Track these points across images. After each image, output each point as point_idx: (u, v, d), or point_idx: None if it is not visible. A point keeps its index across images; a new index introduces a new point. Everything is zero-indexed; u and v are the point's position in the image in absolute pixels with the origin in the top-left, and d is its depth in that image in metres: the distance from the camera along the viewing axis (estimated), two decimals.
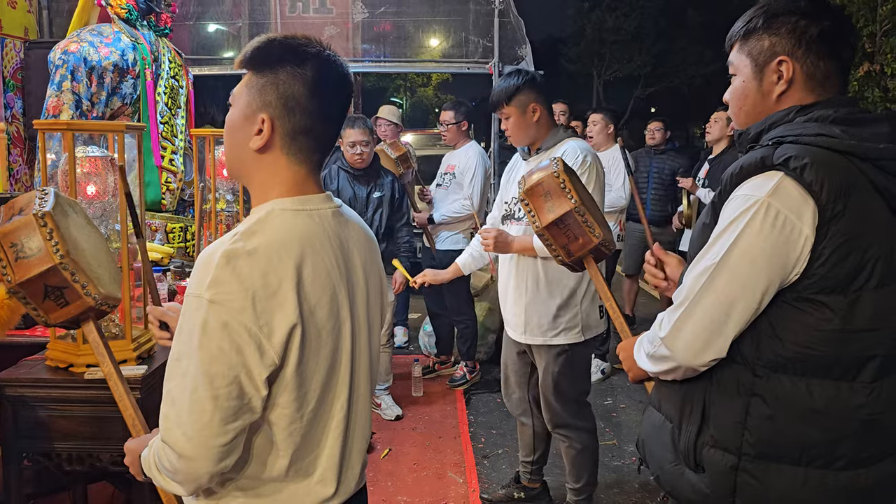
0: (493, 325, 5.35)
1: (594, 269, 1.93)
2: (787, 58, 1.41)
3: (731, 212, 1.36)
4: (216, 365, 1.11)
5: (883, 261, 1.31)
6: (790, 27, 1.41)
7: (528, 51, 6.19)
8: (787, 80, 1.42)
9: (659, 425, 1.56)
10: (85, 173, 2.14)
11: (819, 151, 1.31)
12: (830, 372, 1.34)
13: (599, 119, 5.07)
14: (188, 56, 5.30)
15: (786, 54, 1.41)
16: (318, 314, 1.20)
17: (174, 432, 1.13)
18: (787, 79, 1.42)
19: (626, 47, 26.20)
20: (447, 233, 4.69)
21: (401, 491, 3.37)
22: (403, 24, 6.53)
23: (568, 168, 1.95)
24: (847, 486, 1.37)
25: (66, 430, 2.10)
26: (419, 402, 4.52)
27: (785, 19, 1.41)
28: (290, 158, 1.25)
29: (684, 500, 1.52)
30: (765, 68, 1.44)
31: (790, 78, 1.42)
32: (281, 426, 1.20)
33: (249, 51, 1.24)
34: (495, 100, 2.80)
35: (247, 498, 1.24)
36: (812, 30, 1.39)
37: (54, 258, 1.40)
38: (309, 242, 1.21)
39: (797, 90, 1.43)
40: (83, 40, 3.57)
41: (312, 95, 1.22)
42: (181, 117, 4.11)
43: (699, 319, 1.38)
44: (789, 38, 1.41)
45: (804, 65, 1.41)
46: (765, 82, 1.45)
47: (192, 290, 1.14)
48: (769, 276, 1.32)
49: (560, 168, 1.90)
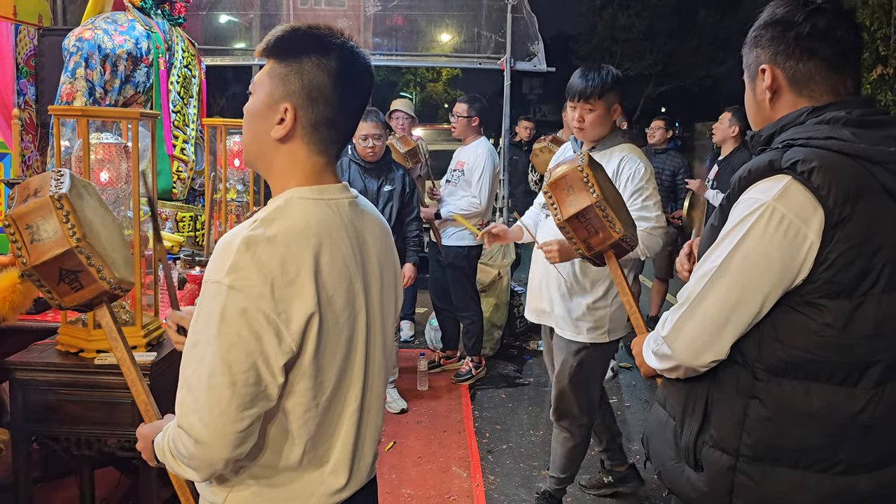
0: (499, 320, 5.35)
1: (614, 264, 1.93)
2: (768, 65, 1.44)
3: (737, 215, 1.36)
4: (234, 351, 1.11)
5: (891, 265, 1.30)
6: (769, 37, 1.44)
7: (540, 47, 6.18)
8: (770, 87, 1.45)
9: (663, 422, 1.56)
10: (98, 160, 2.15)
11: (828, 155, 1.30)
12: (832, 377, 1.33)
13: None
14: (200, 46, 5.31)
15: (767, 62, 1.45)
16: (336, 303, 1.20)
17: (191, 418, 1.13)
18: (769, 86, 1.45)
19: (638, 46, 26.11)
20: (454, 228, 4.69)
21: (405, 484, 3.38)
22: (416, 19, 6.53)
23: (593, 162, 1.95)
24: (845, 491, 1.36)
25: (75, 415, 2.11)
26: (424, 396, 4.53)
27: (766, 31, 1.45)
28: (311, 148, 1.25)
29: (684, 497, 1.52)
30: (755, 79, 1.49)
31: (772, 84, 1.44)
32: (297, 414, 1.20)
33: (273, 39, 1.24)
34: (588, 91, 2.68)
35: (260, 486, 1.24)
36: (787, 35, 1.41)
37: (70, 241, 1.39)
38: (326, 231, 1.21)
39: (786, 94, 1.45)
40: (97, 28, 3.57)
41: (336, 86, 1.22)
42: (193, 107, 4.12)
43: (700, 320, 1.39)
44: (769, 46, 1.45)
45: (784, 69, 1.43)
46: (757, 91, 1.49)
47: (210, 276, 1.14)
48: (772, 280, 1.32)
49: (585, 162, 1.90)
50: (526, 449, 3.85)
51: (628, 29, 26.01)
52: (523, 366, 5.22)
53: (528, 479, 3.50)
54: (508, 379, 4.94)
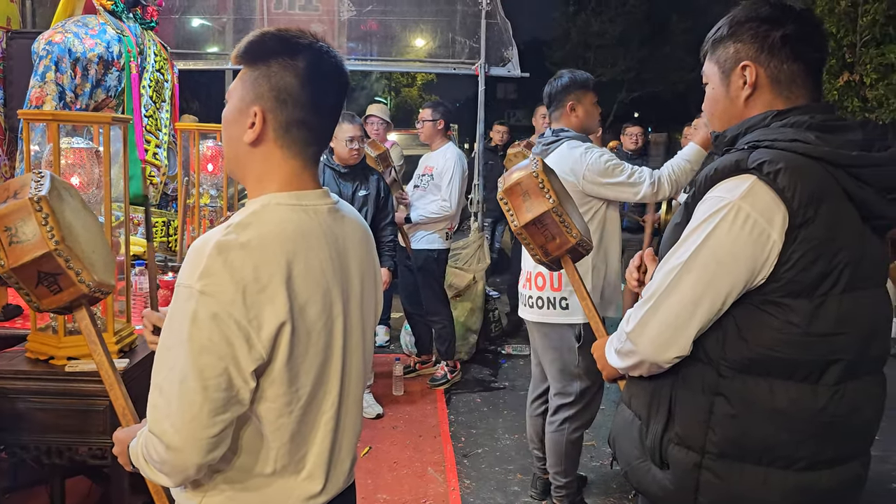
0: (474, 325, 5.36)
1: (571, 269, 1.95)
2: (751, 62, 1.44)
3: (702, 212, 1.38)
4: (205, 356, 1.10)
5: (851, 267, 1.33)
6: (752, 33, 1.44)
7: (514, 52, 6.21)
8: (752, 85, 1.45)
9: (629, 422, 1.58)
10: (69, 164, 2.12)
11: (793, 157, 1.33)
12: (794, 374, 1.36)
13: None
14: (173, 50, 5.26)
15: (749, 59, 1.44)
16: (309, 311, 1.20)
17: (162, 423, 1.12)
18: (752, 83, 1.45)
19: (611, 52, 26.32)
20: (423, 232, 4.72)
21: (381, 489, 3.37)
22: (390, 24, 6.53)
23: (547, 168, 1.96)
24: (808, 487, 1.39)
25: (45, 423, 2.08)
26: (400, 401, 4.52)
27: (748, 26, 1.45)
28: (285, 152, 1.25)
29: (650, 496, 1.54)
30: (731, 74, 1.47)
31: (754, 82, 1.45)
32: (269, 420, 1.20)
33: (244, 45, 1.24)
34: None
35: (234, 491, 1.24)
36: (774, 34, 1.42)
37: (49, 244, 1.38)
38: (303, 238, 1.21)
39: (764, 94, 1.45)
40: (68, 31, 3.53)
41: (304, 87, 1.22)
42: (165, 111, 4.08)
43: (664, 316, 1.40)
44: (752, 43, 1.44)
45: (768, 69, 1.44)
46: (731, 87, 1.48)
47: (182, 280, 1.14)
48: (735, 277, 1.34)
49: (539, 168, 1.91)
50: (501, 453, 3.87)
51: (601, 35, 26.20)
52: (499, 370, 5.24)
53: (504, 483, 3.51)
54: (484, 383, 4.96)
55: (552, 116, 3.11)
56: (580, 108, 3.03)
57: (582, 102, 3.03)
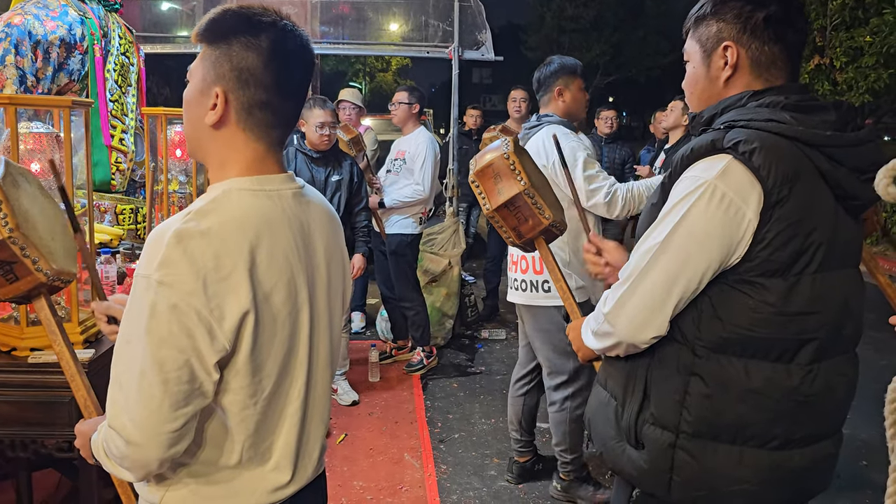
0: (450, 310, 5.35)
1: (545, 251, 1.93)
2: (733, 43, 1.44)
3: (679, 192, 1.38)
4: (165, 348, 1.07)
5: (825, 246, 1.34)
6: (736, 13, 1.43)
7: (487, 36, 6.18)
8: (733, 66, 1.44)
9: (605, 402, 1.58)
10: (29, 150, 2.06)
11: (768, 136, 1.33)
12: (769, 353, 1.37)
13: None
14: (139, 33, 5.14)
15: (731, 40, 1.44)
16: (274, 299, 1.16)
17: (121, 418, 1.09)
18: (733, 64, 1.44)
19: (585, 36, 26.36)
20: (397, 217, 4.69)
21: (357, 475, 3.36)
22: (362, 7, 6.46)
23: (519, 148, 1.93)
24: (781, 465, 1.40)
25: (9, 416, 2.02)
26: (376, 388, 4.51)
27: (731, 5, 1.44)
28: (248, 134, 1.20)
29: (626, 476, 1.55)
30: (712, 54, 1.47)
31: (735, 63, 1.44)
32: (234, 411, 1.17)
33: (204, 23, 1.20)
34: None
35: (198, 484, 1.21)
36: (757, 15, 1.42)
37: (2, 232, 1.33)
38: (266, 224, 1.17)
39: (744, 75, 1.45)
40: (28, 13, 3.42)
41: (267, 67, 1.17)
42: (132, 95, 3.98)
43: (641, 296, 1.40)
44: (735, 23, 1.43)
45: (749, 50, 1.43)
46: (712, 67, 1.48)
47: (141, 270, 1.09)
48: (711, 256, 1.34)
49: (511, 149, 1.87)
50: (478, 437, 3.87)
51: (576, 19, 26.25)
52: (475, 355, 5.24)
53: (481, 468, 3.52)
54: (460, 368, 4.95)
55: (541, 101, 3.16)
56: (567, 94, 3.06)
57: (569, 88, 3.07)
